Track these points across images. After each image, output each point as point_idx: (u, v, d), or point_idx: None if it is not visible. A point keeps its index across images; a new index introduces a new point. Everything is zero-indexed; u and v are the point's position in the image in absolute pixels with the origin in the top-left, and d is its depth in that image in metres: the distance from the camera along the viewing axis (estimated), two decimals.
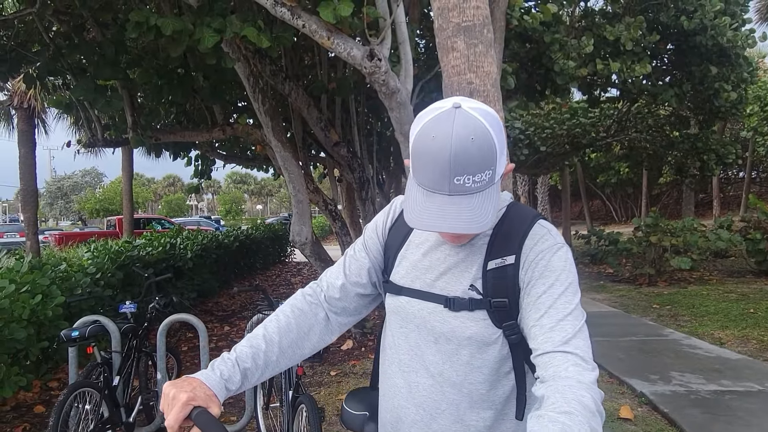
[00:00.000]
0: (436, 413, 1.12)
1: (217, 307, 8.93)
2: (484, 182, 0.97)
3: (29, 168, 14.36)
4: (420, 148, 0.97)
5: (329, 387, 4.79)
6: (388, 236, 1.25)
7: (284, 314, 1.21)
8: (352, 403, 1.38)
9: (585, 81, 9.71)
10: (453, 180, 0.95)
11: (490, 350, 1.08)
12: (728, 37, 9.09)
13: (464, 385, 1.10)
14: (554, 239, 1.08)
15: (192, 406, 0.98)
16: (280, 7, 3.79)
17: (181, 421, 0.98)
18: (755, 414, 3.80)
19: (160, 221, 23.72)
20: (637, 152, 15.60)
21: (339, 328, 1.28)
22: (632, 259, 10.22)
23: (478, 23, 2.86)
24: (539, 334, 0.99)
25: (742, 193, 23.47)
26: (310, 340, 1.22)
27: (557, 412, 0.86)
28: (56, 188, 62.22)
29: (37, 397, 4.67)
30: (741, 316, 6.84)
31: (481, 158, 0.95)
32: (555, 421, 0.84)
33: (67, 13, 5.83)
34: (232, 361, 1.09)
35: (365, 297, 1.27)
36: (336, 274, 1.27)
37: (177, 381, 1.03)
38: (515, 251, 1.07)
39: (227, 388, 1.06)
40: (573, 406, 0.86)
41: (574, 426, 0.83)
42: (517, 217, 1.12)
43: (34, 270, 4.76)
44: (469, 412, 1.10)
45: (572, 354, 0.95)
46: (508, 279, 1.06)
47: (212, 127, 7.12)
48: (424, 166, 0.97)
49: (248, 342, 1.15)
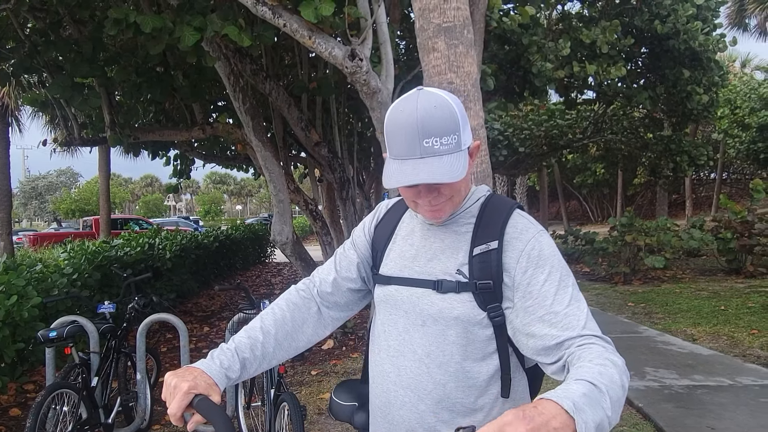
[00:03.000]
0: (423, 394, 1.16)
1: (196, 307, 8.85)
2: (451, 146, 1.06)
3: (2, 168, 14.03)
4: (391, 123, 1.09)
5: (310, 386, 4.79)
6: (374, 234, 1.32)
7: (279, 308, 1.27)
8: (341, 394, 1.41)
9: (562, 83, 9.88)
10: (422, 143, 1.04)
11: (476, 330, 1.13)
12: (700, 41, 9.34)
13: (450, 364, 1.14)
14: (535, 228, 1.16)
15: (193, 394, 1.01)
16: (261, 6, 3.79)
17: (184, 409, 1.01)
18: (726, 407, 3.92)
19: (138, 222, 23.37)
20: (612, 153, 15.90)
21: (331, 323, 1.33)
22: (608, 259, 10.41)
23: (459, 24, 2.91)
24: (556, 322, 1.04)
25: (714, 193, 24.07)
26: (304, 333, 1.27)
27: (593, 362, 0.93)
28: (30, 188, 60.85)
29: (13, 400, 4.59)
30: (712, 313, 7.02)
31: (444, 122, 1.06)
32: (591, 366, 0.92)
33: (43, 9, 5.73)
34: (231, 351, 1.13)
35: (356, 292, 1.33)
36: (328, 270, 1.34)
37: (178, 371, 1.06)
38: (497, 237, 1.14)
39: (227, 376, 1.10)
40: (605, 361, 0.94)
41: (606, 372, 0.91)
42: (497, 206, 1.19)
43: (9, 270, 4.67)
44: (455, 392, 1.15)
45: (593, 336, 1.02)
46: (492, 263, 1.12)
47: (192, 126, 7.07)
48: (395, 136, 1.08)
49: (246, 333, 1.19)
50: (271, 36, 4.55)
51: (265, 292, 10.29)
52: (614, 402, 0.88)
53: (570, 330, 1.03)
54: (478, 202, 1.20)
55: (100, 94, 6.05)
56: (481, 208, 1.19)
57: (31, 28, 6.08)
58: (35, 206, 61.08)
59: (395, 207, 1.34)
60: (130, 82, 6.19)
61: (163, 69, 6.42)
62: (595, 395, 0.86)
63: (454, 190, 1.13)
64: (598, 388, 0.86)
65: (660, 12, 9.20)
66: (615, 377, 0.91)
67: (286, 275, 13.06)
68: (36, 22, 5.91)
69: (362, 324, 6.56)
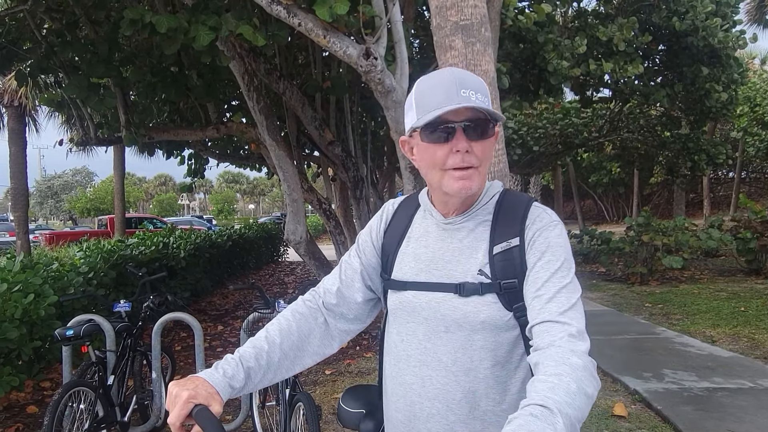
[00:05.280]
0: (453, 404, 1.12)
1: (210, 306, 8.89)
2: (486, 104, 1.07)
3: (20, 167, 14.23)
4: (423, 84, 1.11)
5: (324, 386, 4.79)
6: (384, 238, 1.26)
7: (285, 318, 1.22)
8: (349, 401, 1.38)
9: (578, 81, 9.78)
10: (460, 92, 1.05)
11: (503, 333, 1.10)
12: (719, 38, 9.18)
13: (479, 370, 1.10)
14: (550, 217, 1.13)
15: (193, 403, 0.99)
16: (276, 6, 3.78)
17: (183, 419, 0.99)
18: (747, 410, 3.84)
19: (152, 221, 23.60)
20: (628, 152, 15.70)
21: (339, 335, 1.26)
22: (624, 259, 10.29)
23: (476, 22, 2.87)
24: (536, 306, 1.03)
25: (732, 192, 23.71)
26: (310, 344, 1.22)
27: (547, 374, 0.91)
28: (46, 187, 61.72)
29: (30, 397, 4.63)
30: (732, 314, 6.90)
31: (477, 80, 1.10)
32: (544, 381, 0.90)
33: (60, 10, 5.78)
34: (236, 360, 1.10)
35: (364, 304, 1.27)
36: (332, 280, 1.28)
37: (181, 380, 1.04)
38: (518, 233, 1.11)
39: (231, 386, 1.06)
40: (562, 369, 0.91)
41: (561, 384, 0.88)
42: (513, 202, 1.16)
43: (26, 269, 4.71)
44: (485, 399, 1.11)
45: (567, 324, 0.99)
46: (516, 260, 1.09)
47: (206, 125, 7.10)
48: (431, 91, 1.08)
49: (251, 343, 1.15)
50: (285, 35, 4.55)
51: (278, 291, 10.31)
52: (572, 415, 0.86)
53: (544, 314, 1.01)
54: (494, 199, 1.17)
55: (115, 94, 6.10)
56: (496, 205, 1.16)
57: (47, 29, 6.14)
58: (51, 205, 61.95)
59: (403, 206, 1.28)
60: (145, 81, 6.22)
61: (177, 69, 6.45)
62: (546, 418, 0.83)
63: (485, 156, 1.11)
64: (548, 410, 0.84)
65: (678, 9, 9.06)
66: (572, 387, 0.88)
67: (299, 274, 13.09)
68: (52, 23, 5.97)
69: (376, 324, 6.52)
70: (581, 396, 0.88)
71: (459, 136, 1.07)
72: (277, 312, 3.31)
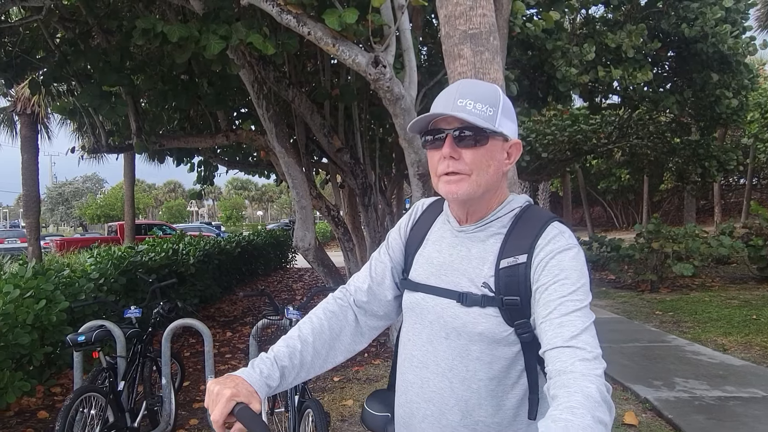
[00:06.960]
0: (446, 408, 1.13)
1: (219, 312, 8.92)
2: (483, 114, 1.07)
3: (32, 174, 14.38)
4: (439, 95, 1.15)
5: (332, 393, 4.78)
6: (409, 236, 1.29)
7: (317, 316, 1.25)
8: (374, 404, 1.38)
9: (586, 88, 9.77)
10: (456, 102, 1.08)
11: (501, 347, 1.09)
12: (729, 45, 9.14)
13: (473, 381, 1.10)
14: (566, 240, 1.09)
15: (235, 401, 1.02)
16: (286, 15, 3.82)
17: (226, 417, 1.01)
18: (760, 420, 3.80)
19: (161, 227, 23.74)
20: (638, 159, 15.63)
21: (369, 332, 1.30)
22: (634, 266, 10.21)
23: (485, 30, 2.89)
24: (548, 330, 1.00)
25: (743, 199, 23.49)
26: (342, 342, 1.24)
27: (560, 409, 0.88)
28: (57, 194, 62.26)
29: (41, 403, 4.67)
30: (744, 322, 6.83)
31: (483, 92, 1.10)
32: (557, 420, 0.86)
33: (73, 20, 5.86)
34: (271, 360, 1.12)
35: (394, 301, 1.29)
36: (363, 278, 1.31)
37: (220, 378, 1.06)
38: (527, 250, 1.08)
39: (268, 385, 1.09)
40: (576, 399, 0.88)
41: (575, 420, 0.85)
42: (532, 218, 1.14)
43: (38, 275, 4.76)
44: (478, 409, 1.10)
45: (580, 349, 0.96)
46: (520, 278, 1.07)
47: (216, 133, 7.15)
48: (436, 101, 1.13)
49: (284, 342, 1.18)
50: (294, 44, 4.58)
51: (286, 297, 10.33)
52: None
53: (557, 339, 0.98)
54: (512, 213, 1.15)
55: (127, 102, 6.16)
56: (514, 219, 1.14)
57: (60, 39, 6.23)
58: (62, 212, 62.45)
59: (431, 208, 1.30)
60: (156, 90, 6.29)
61: (188, 77, 6.51)
62: None
63: (476, 164, 1.08)
64: None
65: (687, 15, 9.03)
66: (586, 420, 0.85)
67: (307, 281, 13.11)
68: (66, 33, 6.05)
69: (384, 331, 6.54)
70: (597, 424, 0.87)
71: (447, 143, 1.09)
72: (285, 318, 3.32)
